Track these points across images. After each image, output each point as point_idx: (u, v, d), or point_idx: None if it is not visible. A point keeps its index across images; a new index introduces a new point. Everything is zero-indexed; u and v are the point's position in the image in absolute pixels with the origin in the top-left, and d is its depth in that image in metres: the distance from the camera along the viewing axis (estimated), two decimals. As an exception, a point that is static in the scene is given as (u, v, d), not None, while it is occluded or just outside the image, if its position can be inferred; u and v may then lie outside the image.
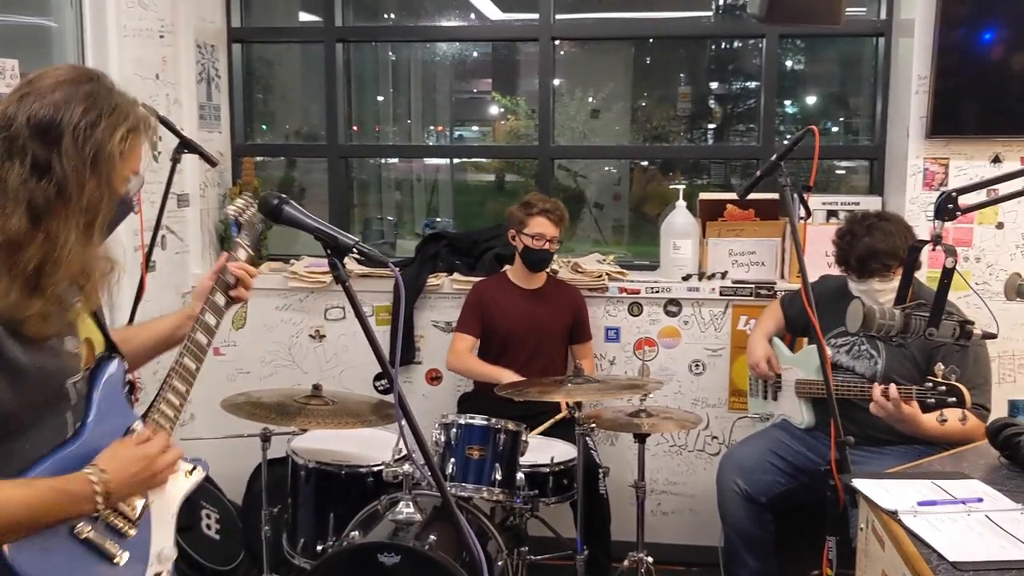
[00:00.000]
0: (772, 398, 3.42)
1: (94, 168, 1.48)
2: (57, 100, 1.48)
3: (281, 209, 1.64)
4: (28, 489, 1.42)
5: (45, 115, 1.47)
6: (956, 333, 1.92)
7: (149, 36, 3.67)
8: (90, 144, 1.48)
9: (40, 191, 1.45)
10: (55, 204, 1.45)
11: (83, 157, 1.47)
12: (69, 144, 1.46)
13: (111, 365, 1.63)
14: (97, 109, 1.50)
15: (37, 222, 1.44)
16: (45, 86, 1.49)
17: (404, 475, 2.73)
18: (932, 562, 1.73)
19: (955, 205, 1.88)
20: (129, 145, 1.54)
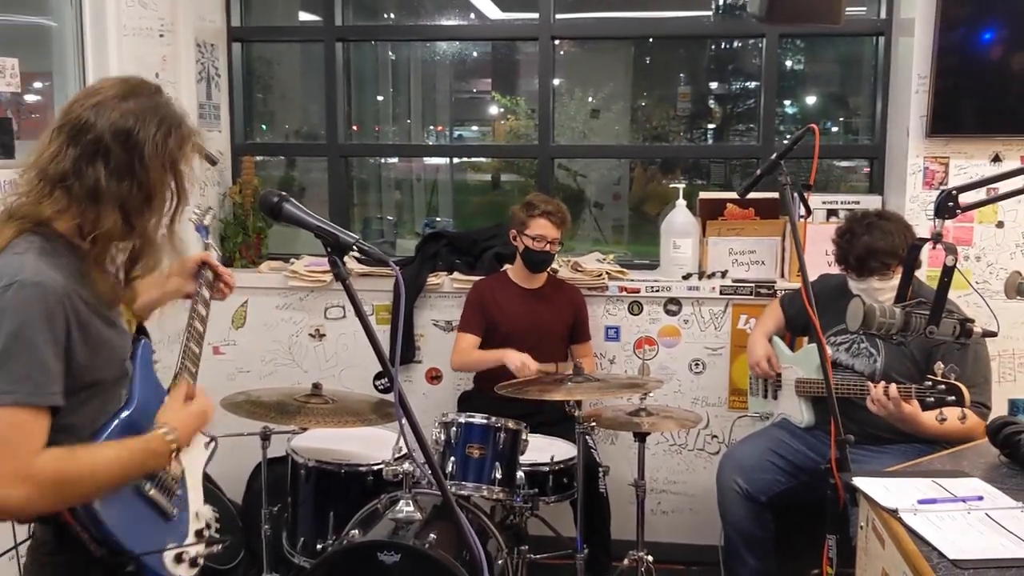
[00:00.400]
0: (772, 397, 3.42)
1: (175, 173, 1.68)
2: (134, 109, 1.64)
3: (281, 207, 1.64)
4: (120, 450, 1.63)
5: (124, 124, 1.62)
6: (956, 331, 1.92)
7: (149, 35, 3.67)
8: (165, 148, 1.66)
9: (127, 191, 1.62)
10: (143, 205, 1.64)
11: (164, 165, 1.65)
12: (152, 153, 1.63)
13: (143, 343, 1.84)
14: (169, 122, 1.68)
15: (128, 220, 1.63)
16: (115, 95, 1.65)
17: (404, 474, 2.73)
18: (932, 560, 1.73)
19: (955, 203, 1.88)
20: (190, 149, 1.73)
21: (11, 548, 2.85)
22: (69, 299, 1.55)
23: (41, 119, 3.45)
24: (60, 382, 1.54)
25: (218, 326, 4.06)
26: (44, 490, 1.51)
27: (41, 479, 1.50)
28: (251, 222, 4.19)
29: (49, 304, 1.52)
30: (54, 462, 1.53)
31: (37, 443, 1.52)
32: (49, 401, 1.52)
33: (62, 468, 1.53)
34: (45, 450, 1.53)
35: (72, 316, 1.55)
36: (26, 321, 1.50)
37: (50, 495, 1.53)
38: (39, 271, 1.54)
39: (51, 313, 1.52)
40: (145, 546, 1.68)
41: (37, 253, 1.57)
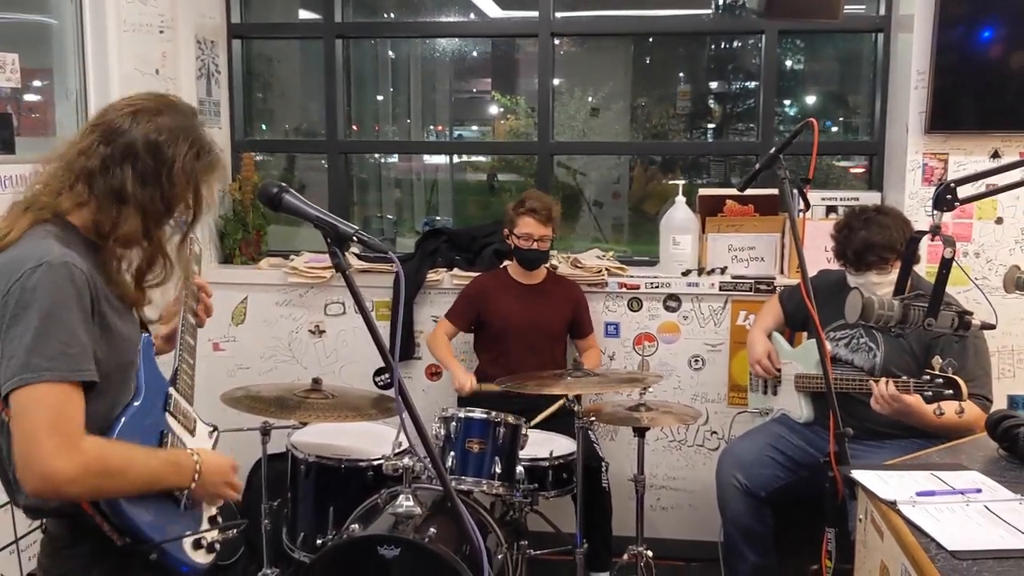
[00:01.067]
0: (771, 393, 3.42)
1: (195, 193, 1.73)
2: (169, 125, 1.69)
3: (281, 197, 1.64)
4: (153, 458, 1.68)
5: (158, 137, 1.67)
6: (955, 323, 1.92)
7: (149, 31, 3.67)
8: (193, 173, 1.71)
9: (149, 199, 1.66)
10: (162, 216, 1.70)
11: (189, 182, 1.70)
12: (179, 169, 1.68)
13: (145, 337, 1.83)
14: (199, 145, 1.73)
15: (147, 227, 1.68)
16: (153, 108, 1.70)
17: (404, 469, 2.74)
18: (931, 551, 1.73)
19: (954, 196, 1.88)
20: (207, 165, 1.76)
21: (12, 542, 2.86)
22: (94, 282, 1.59)
23: (41, 117, 3.46)
24: (92, 359, 1.57)
25: (218, 322, 4.06)
26: (88, 471, 1.53)
27: (88, 459, 1.53)
28: (251, 219, 4.19)
29: (78, 284, 1.55)
30: (99, 448, 1.56)
31: (80, 421, 1.54)
32: (86, 376, 1.55)
33: (106, 455, 1.57)
34: (88, 435, 1.55)
35: (96, 299, 1.59)
36: (58, 300, 1.53)
37: (91, 479, 1.54)
38: (65, 253, 1.57)
39: (80, 293, 1.55)
40: (165, 534, 1.70)
41: (56, 240, 1.60)
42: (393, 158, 5.20)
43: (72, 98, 3.46)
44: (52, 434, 1.49)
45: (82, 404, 1.55)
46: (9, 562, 2.85)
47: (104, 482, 1.57)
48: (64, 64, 3.47)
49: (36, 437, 1.49)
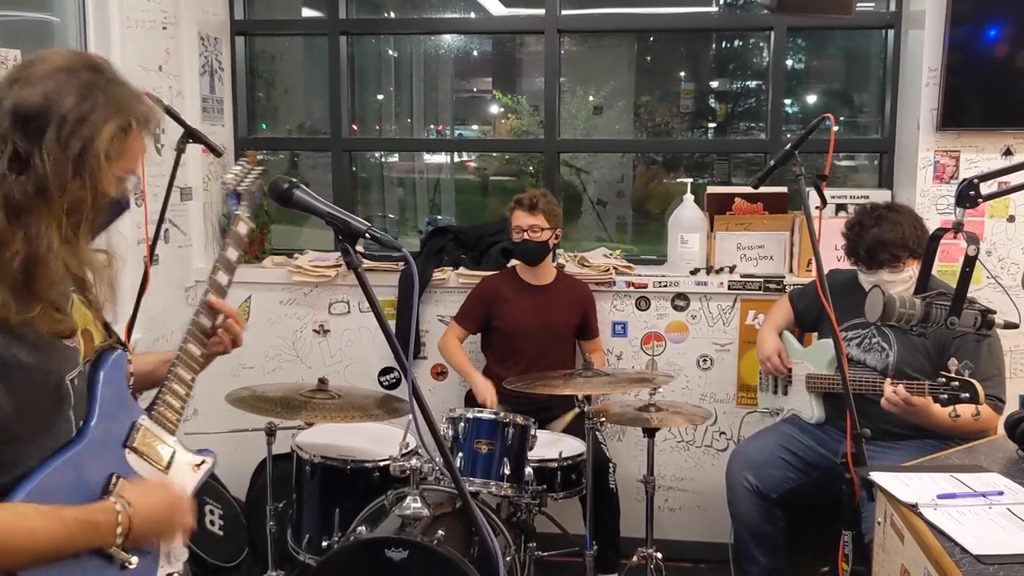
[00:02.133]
0: (782, 393, 3.38)
1: (78, 166, 1.36)
2: (48, 88, 1.36)
3: (292, 193, 1.59)
4: (53, 522, 1.34)
5: (32, 104, 1.35)
6: (977, 322, 1.88)
7: (152, 28, 3.64)
8: (75, 139, 1.36)
9: (18, 187, 1.33)
10: (34, 202, 1.34)
11: (66, 154, 1.35)
12: (52, 138, 1.35)
13: (113, 356, 1.53)
14: (91, 101, 1.38)
15: (15, 219, 1.33)
16: (39, 72, 1.38)
17: (411, 470, 2.70)
18: (955, 555, 1.69)
19: (977, 192, 1.84)
20: (124, 144, 1.42)
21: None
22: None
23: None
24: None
25: (221, 322, 4.02)
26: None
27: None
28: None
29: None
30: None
31: None
32: None
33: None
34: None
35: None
36: None
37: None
38: None
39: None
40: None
41: None
42: (394, 157, 5.16)
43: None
44: None
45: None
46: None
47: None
48: (66, 61, 3.43)
49: None
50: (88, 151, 1.36)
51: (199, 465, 1.67)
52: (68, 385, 1.43)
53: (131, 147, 1.44)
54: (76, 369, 1.45)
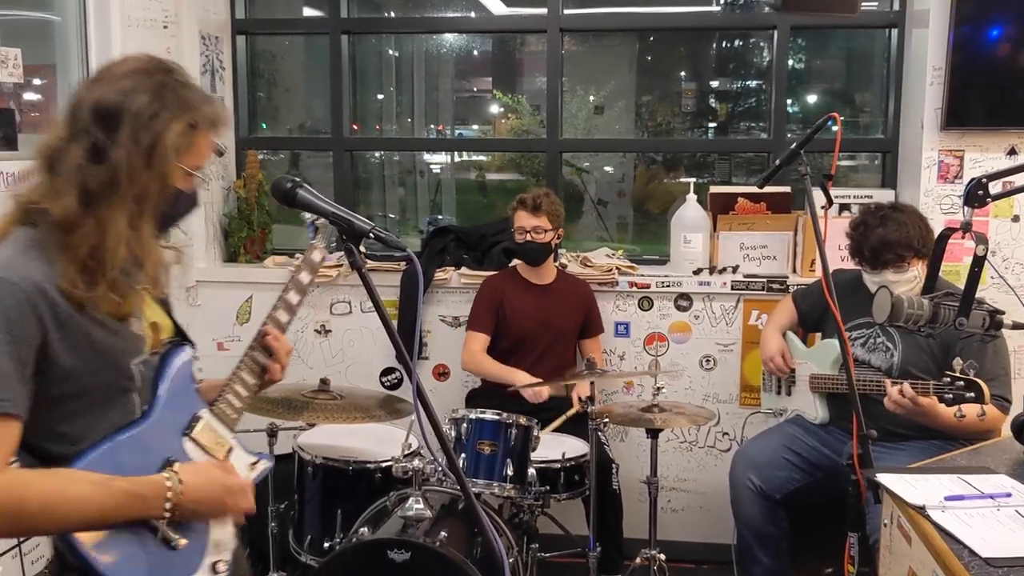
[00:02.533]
0: (785, 393, 3.37)
1: (149, 159, 1.48)
2: (125, 87, 1.49)
3: (295, 192, 1.59)
4: (102, 490, 1.43)
5: (110, 101, 1.48)
6: (986, 323, 1.87)
7: (153, 27, 3.63)
8: (147, 134, 1.48)
9: (93, 176, 1.46)
10: (107, 191, 1.46)
11: (139, 147, 1.48)
12: (126, 132, 1.47)
13: (181, 352, 1.65)
14: (162, 100, 1.50)
15: (88, 206, 1.46)
16: (117, 73, 1.52)
17: (413, 471, 2.68)
18: (964, 558, 1.68)
19: (986, 192, 1.83)
20: (190, 140, 1.54)
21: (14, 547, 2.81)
22: (44, 297, 1.41)
23: (44, 113, 3.41)
24: (17, 388, 1.39)
25: (222, 322, 4.02)
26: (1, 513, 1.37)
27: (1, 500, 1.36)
28: (256, 217, 4.14)
29: (11, 301, 1.38)
30: (13, 486, 1.38)
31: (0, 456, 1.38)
32: (3, 408, 1.38)
33: (21, 495, 1.38)
34: (10, 469, 1.40)
35: (49, 317, 1.42)
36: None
37: (6, 520, 1.38)
38: (9, 266, 1.41)
39: (11, 313, 1.38)
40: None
41: (25, 246, 1.45)
42: (395, 157, 5.15)
43: (75, 94, 3.41)
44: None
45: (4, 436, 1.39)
46: (12, 567, 2.80)
47: (24, 523, 1.40)
48: (67, 60, 3.42)
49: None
50: (158, 145, 1.49)
51: (254, 464, 1.74)
52: (134, 369, 1.54)
53: (198, 144, 1.56)
54: (141, 356, 1.57)
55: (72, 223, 1.45)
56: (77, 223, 1.45)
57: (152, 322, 1.62)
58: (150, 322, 1.61)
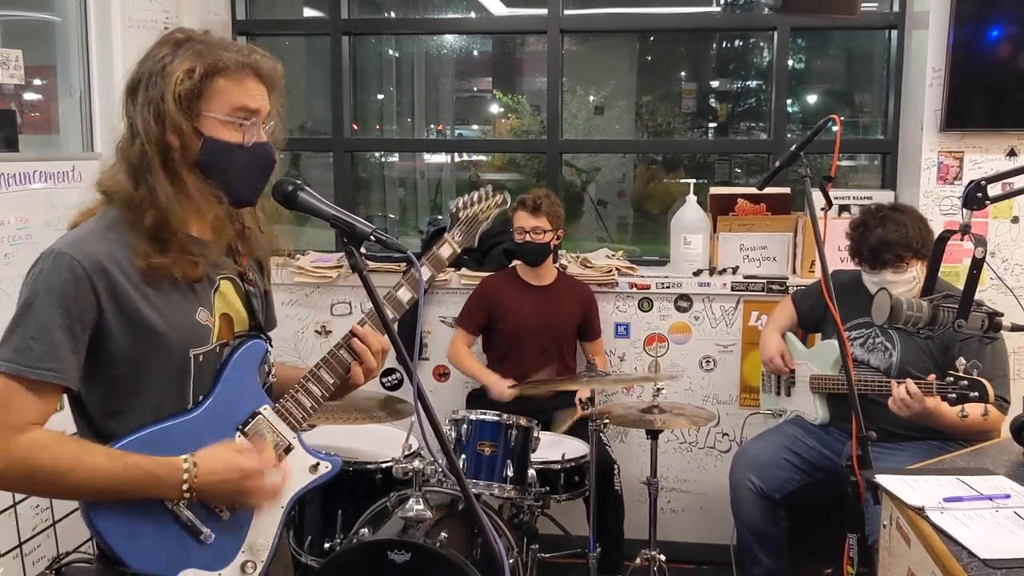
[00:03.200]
0: (785, 394, 3.37)
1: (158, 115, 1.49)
2: (143, 59, 1.54)
3: (296, 195, 1.58)
4: (116, 463, 1.46)
5: (133, 76, 1.53)
6: (985, 325, 1.87)
7: (153, 28, 3.63)
8: (155, 90, 1.50)
9: (133, 152, 1.51)
10: (142, 160, 1.50)
11: (150, 107, 1.49)
12: (142, 95, 1.51)
13: (249, 344, 1.64)
14: (173, 55, 1.51)
15: (140, 181, 1.50)
16: (147, 52, 1.55)
17: (414, 471, 2.69)
18: (963, 559, 1.68)
19: (984, 194, 1.83)
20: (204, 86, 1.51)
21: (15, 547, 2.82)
22: (103, 275, 1.46)
23: (44, 114, 3.42)
24: (68, 360, 1.45)
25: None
26: (14, 470, 1.44)
27: (13, 458, 1.42)
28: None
29: (66, 276, 1.44)
30: (35, 447, 1.44)
31: (24, 418, 1.43)
32: (44, 376, 1.43)
33: (41, 457, 1.44)
34: (35, 430, 1.45)
35: (106, 294, 1.46)
36: (39, 292, 1.44)
37: (17, 478, 1.46)
38: (74, 243, 1.47)
39: (67, 286, 1.43)
40: (151, 565, 1.52)
41: (105, 225, 1.51)
42: (394, 157, 5.15)
43: (76, 95, 3.42)
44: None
45: (37, 403, 1.44)
46: (13, 567, 2.81)
47: (35, 482, 1.46)
48: (68, 61, 3.42)
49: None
50: (165, 96, 1.49)
51: (316, 467, 1.72)
52: (191, 359, 1.55)
53: (219, 88, 1.53)
54: (204, 347, 1.57)
55: (131, 200, 1.50)
56: (134, 199, 1.50)
57: (223, 313, 1.63)
58: (221, 313, 1.62)
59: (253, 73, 1.58)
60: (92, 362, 1.49)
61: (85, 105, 3.42)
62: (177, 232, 1.52)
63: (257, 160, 1.62)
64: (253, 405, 1.64)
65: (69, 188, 3.05)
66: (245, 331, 1.68)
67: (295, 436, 1.69)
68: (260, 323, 1.71)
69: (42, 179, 2.96)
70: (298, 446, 1.69)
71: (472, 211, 1.93)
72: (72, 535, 3.02)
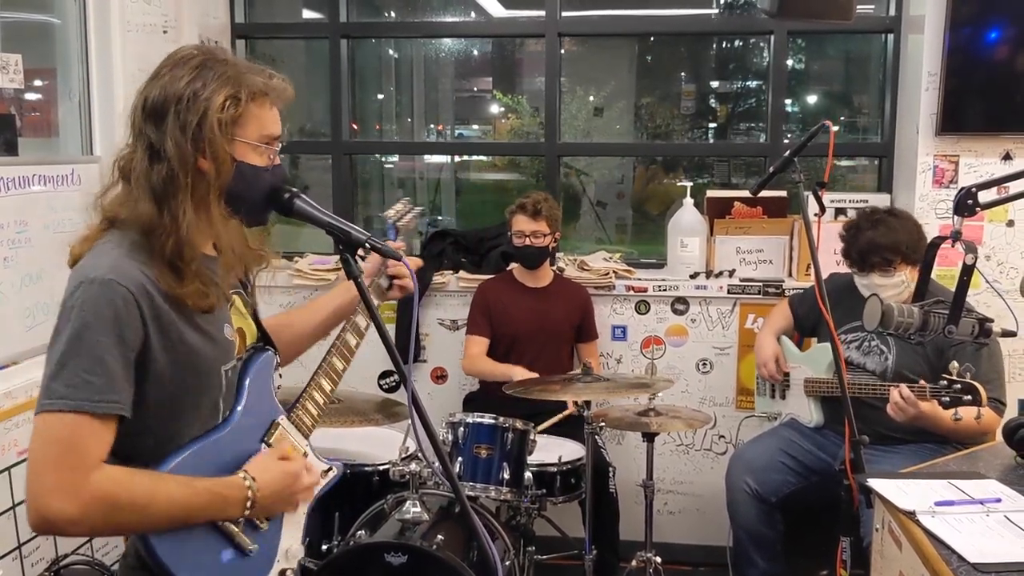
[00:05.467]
0: (780, 397, 3.39)
1: (196, 140, 1.48)
2: (166, 79, 1.50)
3: (292, 203, 1.60)
4: (186, 489, 1.47)
5: (155, 97, 1.50)
6: (975, 331, 1.89)
7: (152, 31, 3.64)
8: (191, 115, 1.48)
9: (157, 175, 1.48)
10: (170, 186, 1.48)
11: (185, 131, 1.47)
12: (172, 121, 1.48)
13: (263, 356, 1.68)
14: (202, 80, 1.50)
15: (161, 206, 1.48)
16: (162, 67, 1.53)
17: (411, 474, 2.70)
18: (952, 564, 1.70)
19: (975, 201, 1.85)
20: (240, 111, 1.52)
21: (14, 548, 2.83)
22: (148, 298, 1.45)
23: (44, 117, 3.43)
24: (125, 389, 1.43)
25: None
26: (93, 510, 1.39)
27: (93, 498, 1.39)
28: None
29: (118, 303, 1.41)
30: (110, 483, 1.41)
31: (94, 456, 1.40)
32: (110, 409, 1.40)
33: (117, 492, 1.41)
34: (105, 466, 1.42)
35: (150, 318, 1.45)
36: (89, 322, 1.40)
37: (98, 518, 1.41)
38: (114, 268, 1.44)
39: (119, 313, 1.41)
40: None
41: (127, 250, 1.48)
42: (394, 157, 5.16)
43: (75, 99, 3.43)
44: (56, 469, 1.37)
45: (104, 438, 1.41)
46: (12, 568, 2.82)
47: (115, 520, 1.43)
48: (67, 64, 3.44)
49: (39, 472, 1.39)
50: (203, 124, 1.48)
51: (327, 471, 1.79)
52: (222, 375, 1.58)
53: (252, 114, 1.55)
54: (231, 362, 1.61)
55: (152, 226, 1.48)
56: (156, 225, 1.48)
57: (238, 328, 1.66)
58: (237, 328, 1.65)
59: (273, 94, 1.61)
60: (139, 387, 1.48)
61: (84, 108, 3.43)
62: (191, 261, 1.50)
63: (276, 181, 1.63)
64: (272, 416, 1.68)
65: (68, 191, 3.06)
66: (255, 343, 1.72)
67: (307, 443, 1.75)
68: (268, 334, 1.75)
69: (41, 183, 2.97)
70: (311, 453, 1.75)
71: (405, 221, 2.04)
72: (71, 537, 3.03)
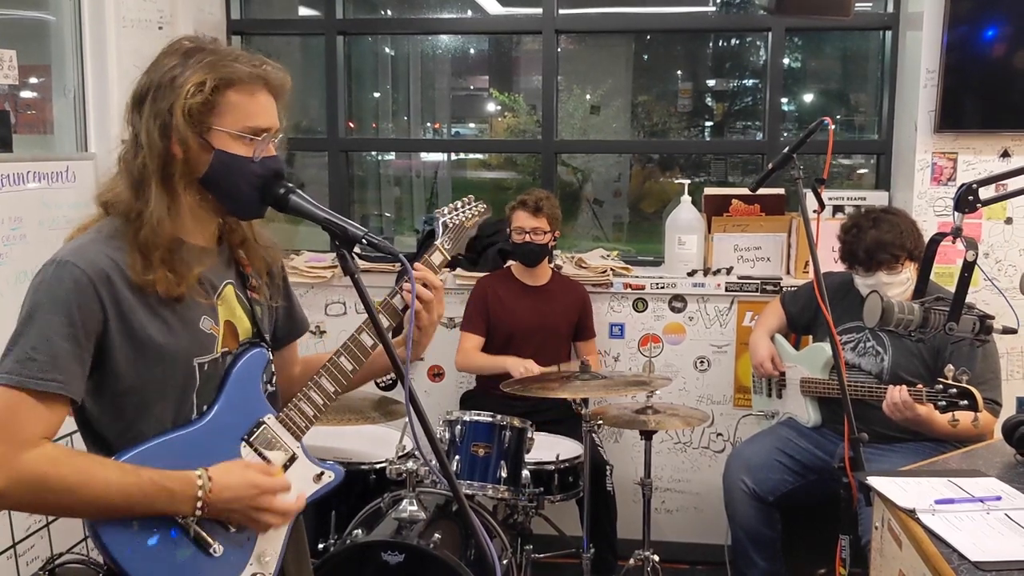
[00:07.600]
0: (776, 396, 3.38)
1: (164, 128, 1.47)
2: (150, 68, 1.50)
3: (288, 198, 1.58)
4: (128, 477, 1.43)
5: (139, 86, 1.50)
6: (976, 328, 1.88)
7: (148, 27, 3.62)
8: (163, 102, 1.47)
9: (136, 164, 1.48)
10: (144, 173, 1.48)
11: (156, 120, 1.46)
12: (148, 106, 1.48)
13: (252, 352, 1.62)
14: (182, 67, 1.47)
15: (139, 194, 1.49)
16: (154, 60, 1.52)
17: (407, 472, 2.69)
18: (953, 562, 1.69)
19: (975, 197, 1.84)
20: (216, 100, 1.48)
21: (9, 547, 2.82)
22: (107, 283, 1.44)
23: (39, 114, 3.41)
24: (72, 370, 1.41)
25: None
26: (22, 487, 1.39)
27: (23, 474, 1.38)
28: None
29: (69, 285, 1.41)
30: (45, 462, 1.39)
31: (30, 432, 1.39)
32: (49, 388, 1.39)
33: (50, 472, 1.39)
34: (45, 444, 1.41)
35: (110, 302, 1.44)
36: (42, 302, 1.41)
37: (27, 495, 1.40)
38: (76, 251, 1.44)
39: (71, 295, 1.41)
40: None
41: (106, 236, 1.48)
42: (390, 155, 5.15)
43: (70, 95, 3.42)
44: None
45: (45, 416, 1.40)
46: (7, 567, 2.81)
47: (44, 499, 1.41)
48: (62, 61, 3.42)
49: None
50: (173, 110, 1.46)
51: (320, 476, 1.71)
52: (196, 368, 1.53)
53: (230, 102, 1.50)
54: (209, 356, 1.55)
55: (131, 213, 1.49)
56: (131, 210, 1.49)
57: (227, 321, 1.61)
58: (225, 320, 1.60)
59: (264, 86, 1.55)
60: (97, 374, 1.47)
61: (79, 105, 3.42)
62: (159, 248, 1.48)
63: (266, 173, 1.56)
64: (257, 415, 1.62)
65: (63, 188, 3.05)
66: (248, 340, 1.66)
67: (299, 446, 1.68)
68: (262, 331, 1.69)
69: (36, 179, 2.95)
70: (302, 455, 1.68)
71: (458, 219, 1.93)
72: (66, 536, 3.02)
